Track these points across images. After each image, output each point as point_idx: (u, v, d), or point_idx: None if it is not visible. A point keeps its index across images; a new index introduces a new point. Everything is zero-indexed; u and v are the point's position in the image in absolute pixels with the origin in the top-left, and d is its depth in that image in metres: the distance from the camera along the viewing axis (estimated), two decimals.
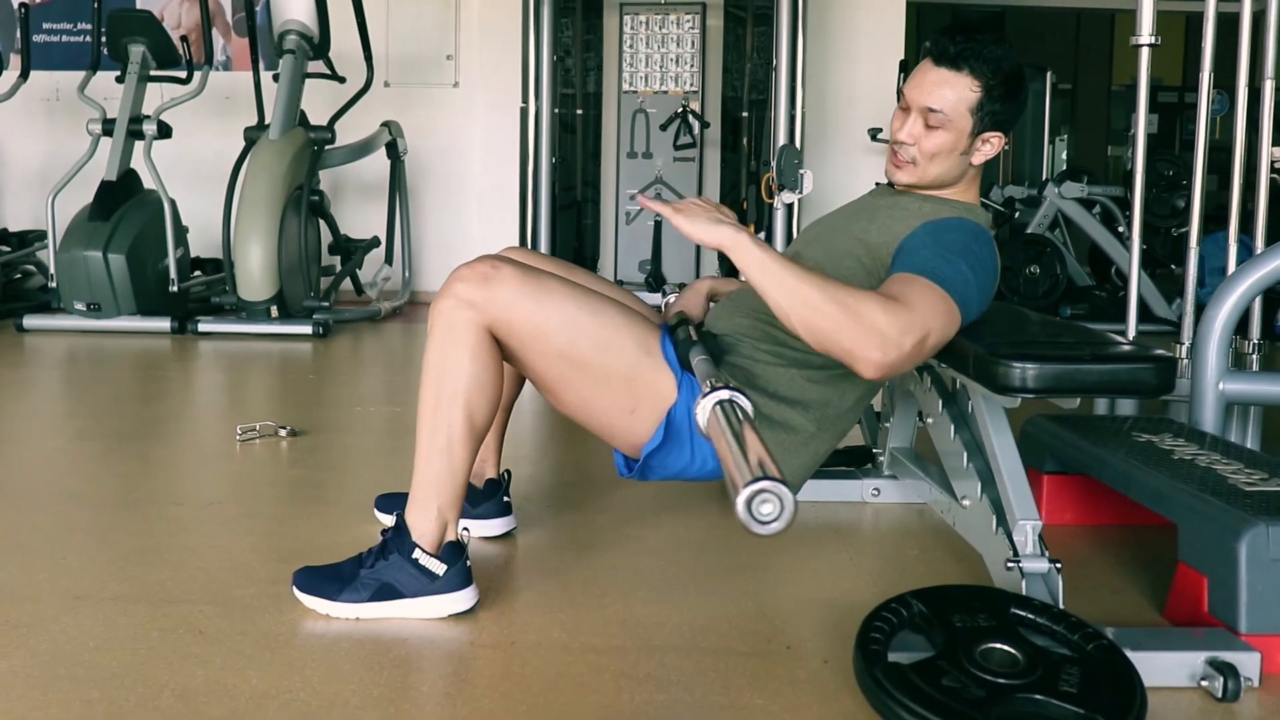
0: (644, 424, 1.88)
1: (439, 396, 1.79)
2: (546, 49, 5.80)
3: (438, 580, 1.79)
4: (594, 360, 1.84)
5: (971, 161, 2.01)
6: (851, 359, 1.70)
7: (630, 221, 6.57)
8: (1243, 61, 2.70)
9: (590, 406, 1.89)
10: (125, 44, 5.60)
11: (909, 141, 2.00)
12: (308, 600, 1.82)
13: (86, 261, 5.24)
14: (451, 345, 1.79)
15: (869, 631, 1.54)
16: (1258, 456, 2.07)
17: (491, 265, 1.80)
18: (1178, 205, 6.32)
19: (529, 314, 1.79)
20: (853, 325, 1.67)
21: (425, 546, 1.79)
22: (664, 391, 1.86)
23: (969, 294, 1.82)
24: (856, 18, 6.88)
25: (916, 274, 1.79)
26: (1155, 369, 1.72)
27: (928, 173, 2.00)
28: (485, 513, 2.23)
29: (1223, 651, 1.58)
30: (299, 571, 1.86)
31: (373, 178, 6.74)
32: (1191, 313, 2.76)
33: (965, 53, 1.94)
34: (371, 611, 1.80)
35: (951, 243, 1.86)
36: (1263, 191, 2.76)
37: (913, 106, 1.99)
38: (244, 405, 3.96)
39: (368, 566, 1.82)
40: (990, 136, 1.99)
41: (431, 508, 1.80)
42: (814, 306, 1.68)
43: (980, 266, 1.87)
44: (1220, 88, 2.79)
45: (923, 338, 1.72)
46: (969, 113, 1.95)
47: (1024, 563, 1.77)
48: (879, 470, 2.59)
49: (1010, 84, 1.96)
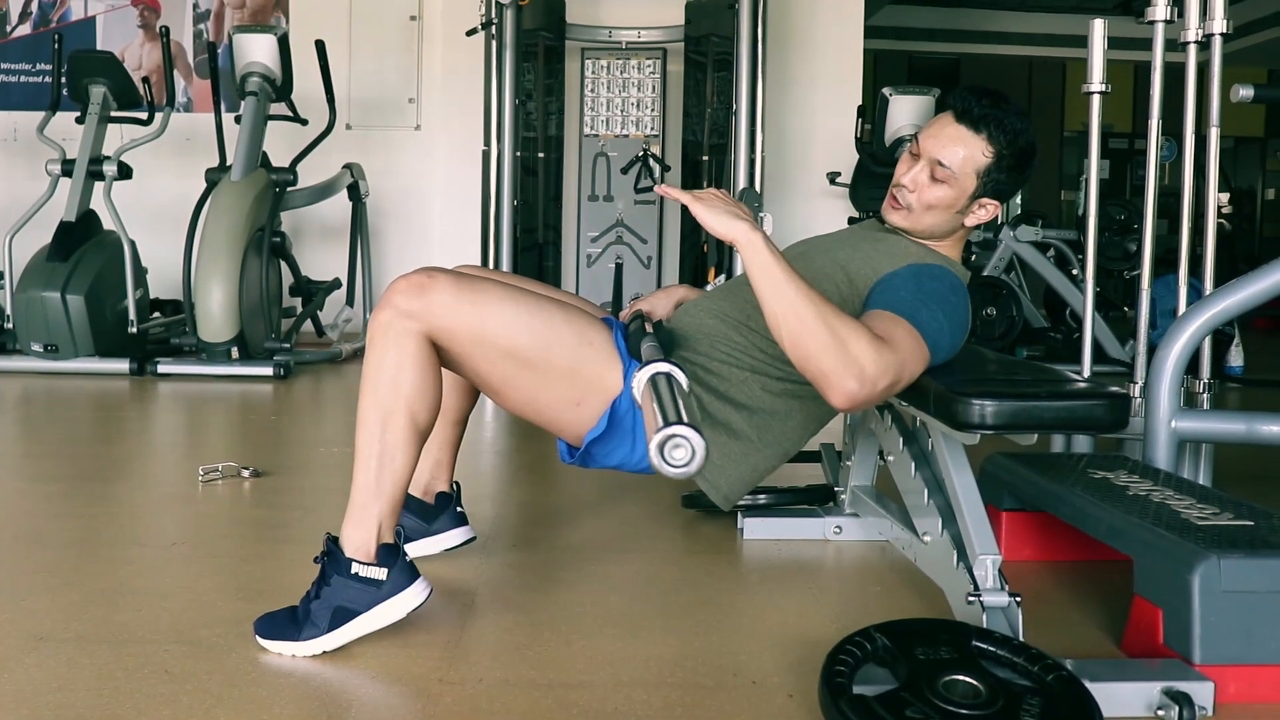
0: (590, 415, 1.90)
1: (379, 405, 1.81)
2: (508, 93, 5.85)
3: (384, 585, 1.79)
4: (536, 357, 1.86)
5: (965, 223, 2.06)
6: (826, 384, 1.72)
7: (592, 264, 6.61)
8: (1189, 110, 2.78)
9: (537, 403, 1.92)
10: (86, 84, 5.59)
11: (910, 188, 2.03)
12: (274, 646, 1.81)
13: (44, 302, 5.19)
14: (390, 354, 1.80)
15: (833, 665, 1.56)
16: (1210, 492, 2.12)
17: (427, 275, 1.83)
18: (1129, 249, 6.45)
19: (467, 318, 1.81)
20: (838, 353, 1.70)
21: (359, 558, 1.79)
22: (609, 382, 1.89)
23: (940, 342, 1.87)
24: (815, 63, 7.00)
25: (898, 315, 1.82)
26: (1109, 405, 1.77)
27: (921, 221, 2.05)
28: (441, 526, 2.26)
29: (1178, 682, 1.61)
30: (259, 620, 1.85)
31: (334, 219, 6.75)
32: (1144, 353, 2.82)
33: (988, 117, 1.97)
34: (335, 640, 1.79)
35: (932, 291, 1.90)
36: (1210, 235, 2.83)
37: (923, 155, 2.03)
38: (206, 446, 3.93)
39: (314, 599, 1.81)
40: (988, 203, 2.04)
41: (370, 516, 1.81)
42: (805, 322, 1.71)
43: (954, 319, 1.92)
44: (1169, 135, 2.86)
45: (896, 380, 1.77)
46: (975, 174, 1.99)
47: (985, 597, 1.80)
48: (841, 508, 2.62)
49: (1021, 157, 2.01)
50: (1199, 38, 2.75)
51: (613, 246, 6.59)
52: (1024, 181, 2.06)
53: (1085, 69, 2.92)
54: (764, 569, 2.36)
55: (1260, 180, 14.00)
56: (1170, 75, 2.80)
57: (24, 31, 7.11)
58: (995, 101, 1.98)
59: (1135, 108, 12.25)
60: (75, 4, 7.11)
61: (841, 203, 6.83)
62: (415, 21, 7.09)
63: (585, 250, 6.65)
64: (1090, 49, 2.91)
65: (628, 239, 6.58)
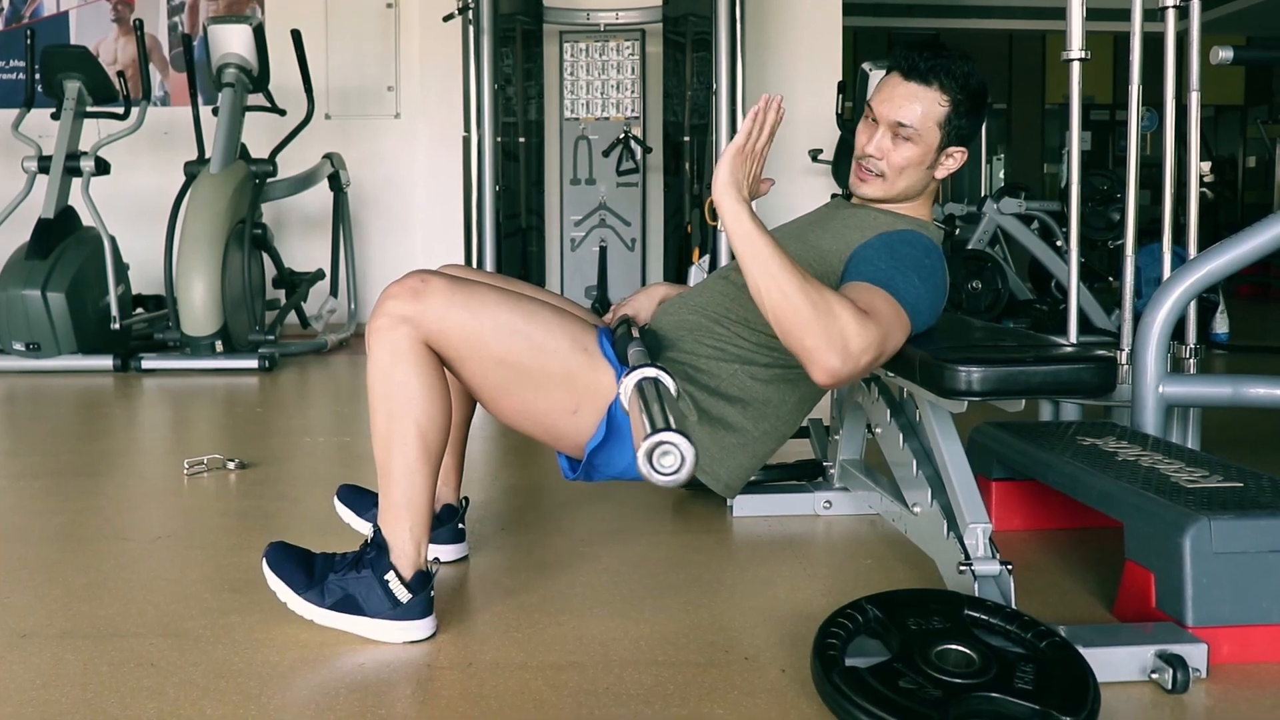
0: (588, 423, 1.88)
1: (391, 418, 1.78)
2: (487, 78, 5.81)
3: (400, 606, 1.77)
4: (532, 363, 1.84)
5: (935, 175, 2.06)
6: (810, 359, 1.71)
7: (576, 248, 6.58)
8: (1169, 77, 2.77)
9: (532, 411, 1.89)
10: (61, 80, 5.53)
11: (877, 155, 2.03)
12: (273, 581, 1.80)
13: (25, 301, 5.15)
14: (395, 365, 1.77)
15: (825, 638, 1.55)
16: (1198, 455, 2.12)
17: (420, 279, 1.79)
18: (1113, 219, 6.45)
19: (463, 323, 1.79)
20: (821, 328, 1.68)
21: (401, 569, 1.77)
22: (604, 389, 1.87)
23: (920, 307, 1.87)
24: (794, 41, 6.97)
25: (876, 285, 1.81)
26: (1097, 369, 1.76)
27: (896, 186, 2.04)
28: (438, 538, 2.21)
29: (1171, 645, 1.61)
30: (273, 546, 1.84)
31: (316, 210, 6.71)
32: (1130, 320, 2.81)
33: (935, 68, 1.97)
34: (329, 620, 1.78)
35: (906, 256, 1.90)
36: (1193, 204, 2.82)
37: (881, 120, 2.02)
38: (191, 439, 3.91)
39: (338, 572, 1.79)
40: (954, 151, 2.04)
41: (404, 528, 1.78)
42: (788, 296, 1.69)
43: (932, 281, 1.91)
44: (1149, 105, 2.85)
45: (879, 354, 1.76)
46: (937, 126, 1.99)
47: (976, 565, 1.79)
48: (830, 483, 2.61)
49: (976, 99, 2.01)
50: (1178, 3, 2.74)
51: (596, 230, 6.56)
52: (982, 122, 2.07)
53: (1064, 40, 2.91)
54: (754, 545, 2.35)
55: (1241, 148, 14.02)
56: (1149, 45, 2.79)
57: None
58: (936, 52, 1.99)
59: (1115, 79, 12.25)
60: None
61: (824, 180, 6.81)
62: (392, 9, 7.03)
63: (569, 234, 6.62)
64: (1069, 16, 2.89)
65: (611, 222, 6.55)
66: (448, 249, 6.47)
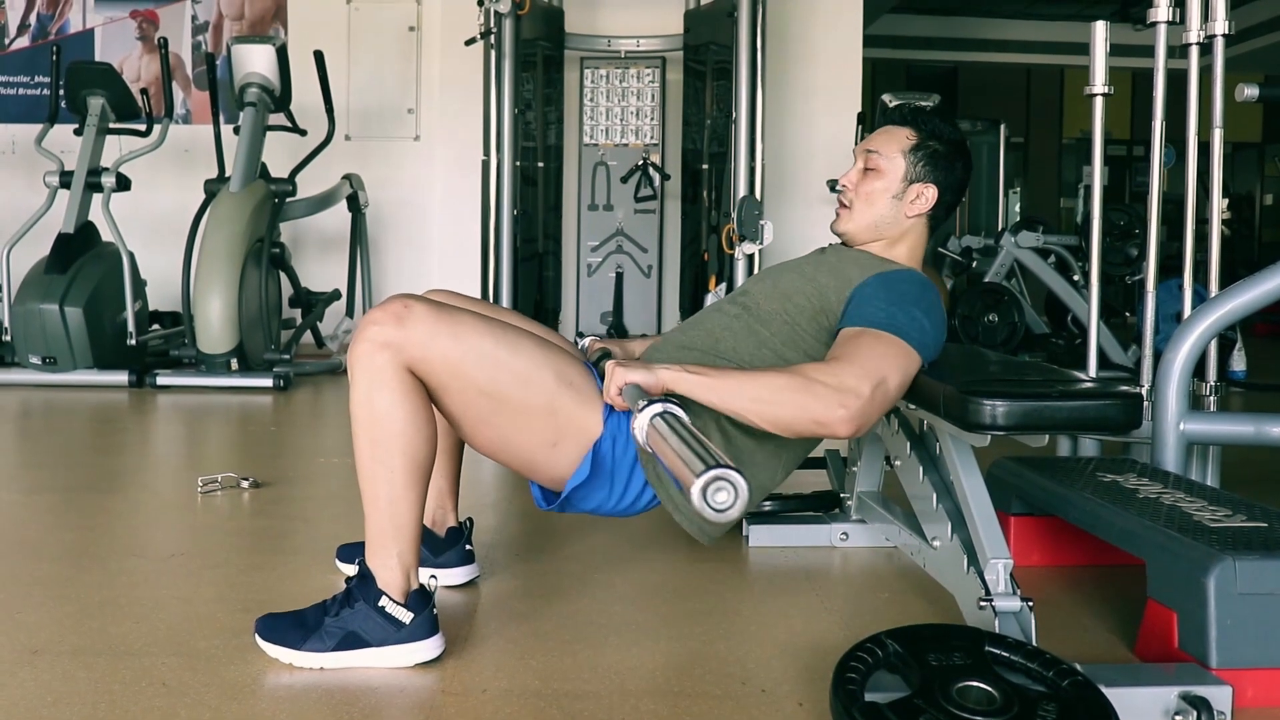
0: (567, 457, 1.87)
1: (374, 445, 1.76)
2: (507, 102, 5.83)
3: (404, 629, 1.76)
4: (514, 394, 1.82)
5: (906, 213, 2.10)
6: (823, 427, 1.76)
7: (592, 273, 6.58)
8: (1191, 113, 2.76)
9: (511, 442, 1.87)
10: (84, 96, 5.58)
11: (849, 186, 2.14)
12: (271, 650, 1.78)
13: (42, 314, 5.18)
14: (377, 391, 1.74)
15: (844, 672, 1.53)
16: (1220, 494, 2.09)
17: (403, 304, 1.77)
18: (1130, 254, 6.42)
19: (446, 350, 1.76)
20: (808, 398, 1.74)
21: (392, 594, 1.77)
22: (589, 425, 1.86)
23: (925, 336, 1.90)
24: (814, 72, 6.98)
25: (865, 327, 1.87)
26: (1123, 405, 1.74)
27: (865, 215, 2.12)
28: (447, 561, 2.20)
29: (1195, 686, 1.58)
30: (262, 619, 1.82)
31: (334, 230, 6.73)
32: (1150, 356, 2.79)
33: (913, 115, 2.13)
34: (336, 661, 1.76)
35: (905, 293, 1.95)
36: (1215, 240, 2.81)
37: (857, 156, 2.15)
38: (205, 457, 3.90)
39: (332, 615, 1.78)
40: (923, 189, 2.10)
41: (391, 555, 1.77)
42: (767, 400, 1.75)
43: (932, 315, 1.95)
44: (1168, 141, 2.85)
45: (878, 381, 1.77)
46: (901, 155, 2.10)
47: (997, 601, 1.77)
48: (847, 515, 2.59)
49: (948, 145, 2.11)
50: (1200, 40, 2.74)
51: (613, 256, 6.57)
52: (959, 174, 2.12)
53: (1082, 76, 2.92)
54: (770, 576, 2.33)
55: (1259, 186, 14.00)
56: (1170, 81, 2.78)
57: (22, 44, 7.09)
58: (924, 111, 2.14)
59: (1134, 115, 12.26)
60: (74, 16, 7.09)
61: None
62: (414, 32, 7.07)
63: (585, 260, 6.63)
64: (1092, 52, 2.90)
65: (628, 248, 6.55)
66: (464, 272, 6.47)
